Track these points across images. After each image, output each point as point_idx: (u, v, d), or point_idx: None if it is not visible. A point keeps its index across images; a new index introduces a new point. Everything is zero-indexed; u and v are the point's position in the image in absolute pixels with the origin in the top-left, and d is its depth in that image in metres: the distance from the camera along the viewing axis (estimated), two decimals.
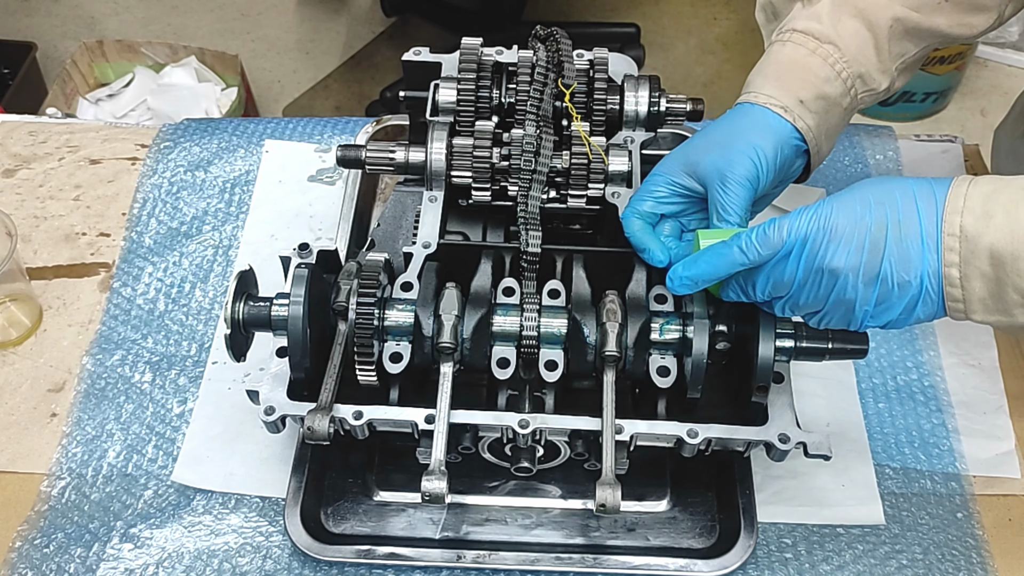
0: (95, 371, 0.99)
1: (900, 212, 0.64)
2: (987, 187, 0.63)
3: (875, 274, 0.65)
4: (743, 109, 0.81)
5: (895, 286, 0.65)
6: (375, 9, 2.63)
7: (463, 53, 0.91)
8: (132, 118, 2.20)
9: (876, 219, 0.65)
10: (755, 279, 0.71)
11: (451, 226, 0.92)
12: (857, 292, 0.67)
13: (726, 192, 0.76)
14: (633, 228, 0.81)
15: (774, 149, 0.78)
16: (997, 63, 2.60)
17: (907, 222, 0.64)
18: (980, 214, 0.62)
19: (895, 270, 0.65)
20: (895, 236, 0.64)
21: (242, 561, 0.87)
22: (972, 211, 0.62)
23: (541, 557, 0.84)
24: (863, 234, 0.65)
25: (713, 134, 0.80)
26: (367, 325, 0.77)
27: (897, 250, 0.65)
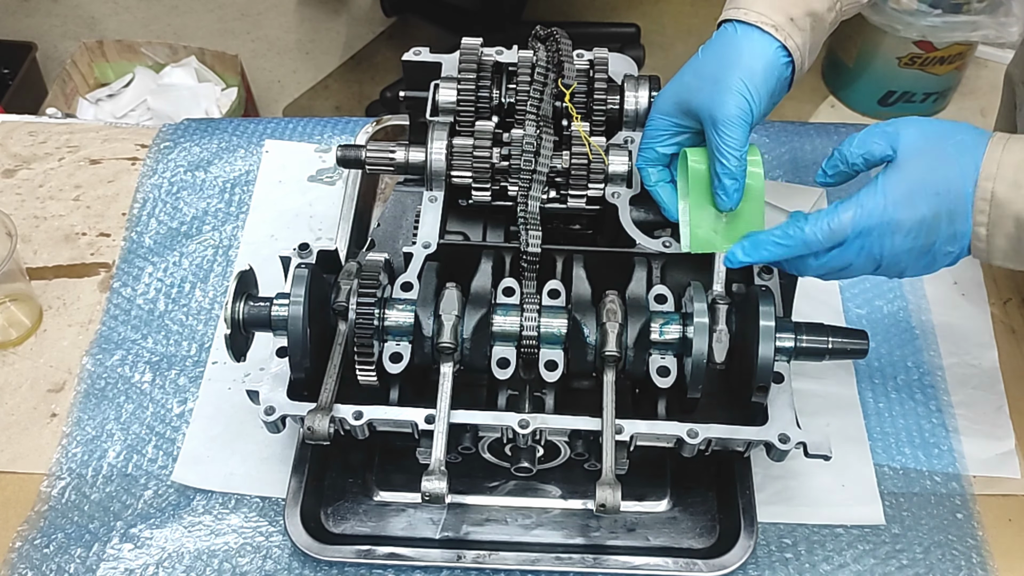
0: (95, 371, 0.99)
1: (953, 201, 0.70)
2: (1019, 155, 0.68)
3: (926, 251, 0.72)
4: (731, 30, 0.80)
5: (942, 256, 0.73)
6: (375, 9, 2.62)
7: (463, 53, 0.91)
8: (132, 118, 2.20)
9: (932, 210, 0.70)
10: (808, 261, 0.75)
11: (451, 226, 0.92)
12: (907, 265, 0.73)
13: (721, 135, 0.77)
14: (652, 180, 0.84)
15: (764, 76, 0.78)
16: (997, 63, 2.60)
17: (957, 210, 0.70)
18: (1011, 182, 0.67)
19: (944, 247, 0.72)
20: (947, 221, 0.70)
21: (242, 561, 0.87)
22: (1004, 179, 0.68)
23: (541, 557, 0.84)
24: (920, 225, 0.71)
25: (704, 66, 0.80)
26: (367, 325, 0.77)
27: (948, 232, 0.71)
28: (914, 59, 2.29)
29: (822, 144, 1.21)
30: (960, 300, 1.07)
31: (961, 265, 1.08)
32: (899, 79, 2.35)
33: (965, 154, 0.70)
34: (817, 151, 1.20)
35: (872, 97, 2.43)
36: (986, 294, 1.07)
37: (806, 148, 1.20)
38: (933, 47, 2.24)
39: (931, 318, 1.05)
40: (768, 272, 0.84)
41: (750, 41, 0.78)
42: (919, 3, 2.14)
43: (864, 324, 1.04)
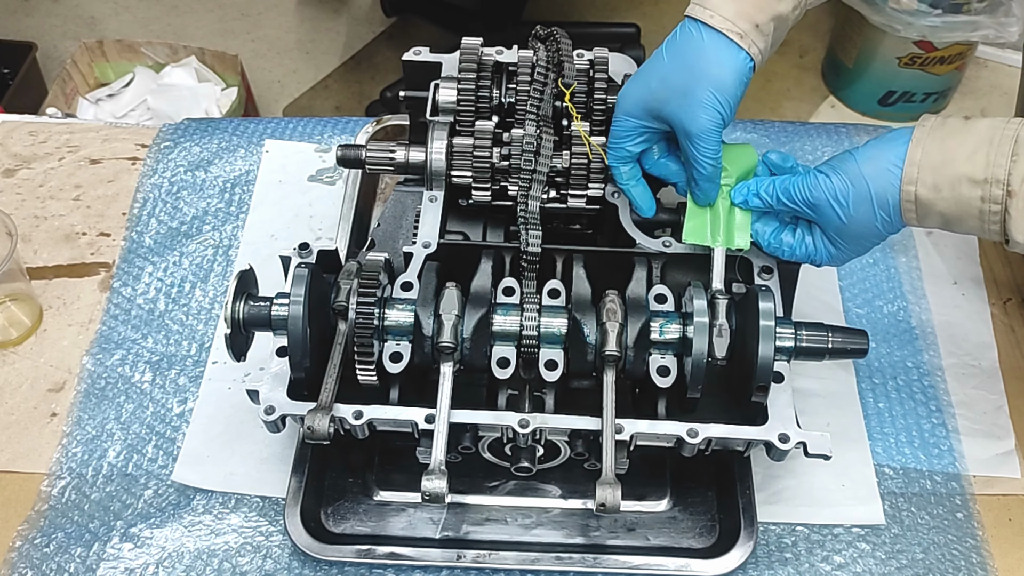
0: (95, 371, 0.99)
1: (887, 207, 0.77)
2: (936, 157, 0.74)
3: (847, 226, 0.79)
4: (696, 34, 0.80)
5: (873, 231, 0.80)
6: (375, 9, 2.62)
7: (463, 53, 0.91)
8: (132, 118, 2.20)
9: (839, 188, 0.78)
10: None
11: (451, 226, 0.92)
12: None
13: (696, 147, 0.80)
14: (624, 178, 0.86)
15: (733, 87, 0.80)
16: (997, 63, 2.60)
17: (889, 207, 0.77)
18: (931, 186, 0.74)
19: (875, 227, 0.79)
20: (881, 218, 0.78)
21: (242, 561, 0.87)
22: (924, 183, 0.74)
23: (541, 557, 0.84)
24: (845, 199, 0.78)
25: (671, 75, 0.80)
26: (367, 325, 0.77)
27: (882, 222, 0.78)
28: (914, 59, 2.29)
29: (822, 144, 1.21)
30: (960, 300, 1.07)
31: (961, 265, 1.09)
32: (899, 79, 2.35)
33: (875, 165, 0.76)
34: (817, 151, 1.20)
35: (872, 97, 2.43)
36: (986, 294, 1.07)
37: (806, 148, 1.20)
38: (933, 47, 2.24)
39: (931, 318, 1.05)
40: (768, 272, 0.84)
41: (717, 50, 0.79)
42: (919, 3, 2.13)
43: (864, 324, 1.04)
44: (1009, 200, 0.71)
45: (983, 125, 0.74)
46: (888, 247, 1.11)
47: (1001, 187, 0.71)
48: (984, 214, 0.73)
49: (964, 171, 0.73)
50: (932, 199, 0.74)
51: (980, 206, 0.73)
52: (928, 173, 0.74)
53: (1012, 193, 0.71)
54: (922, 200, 0.75)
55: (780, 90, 2.58)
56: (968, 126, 0.74)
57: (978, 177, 0.72)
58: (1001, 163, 0.71)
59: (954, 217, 0.75)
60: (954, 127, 0.75)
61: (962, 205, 0.73)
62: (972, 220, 0.74)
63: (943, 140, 0.74)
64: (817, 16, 2.75)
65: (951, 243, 1.12)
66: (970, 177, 0.72)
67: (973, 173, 0.72)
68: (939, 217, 0.75)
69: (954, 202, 0.74)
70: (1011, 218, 0.72)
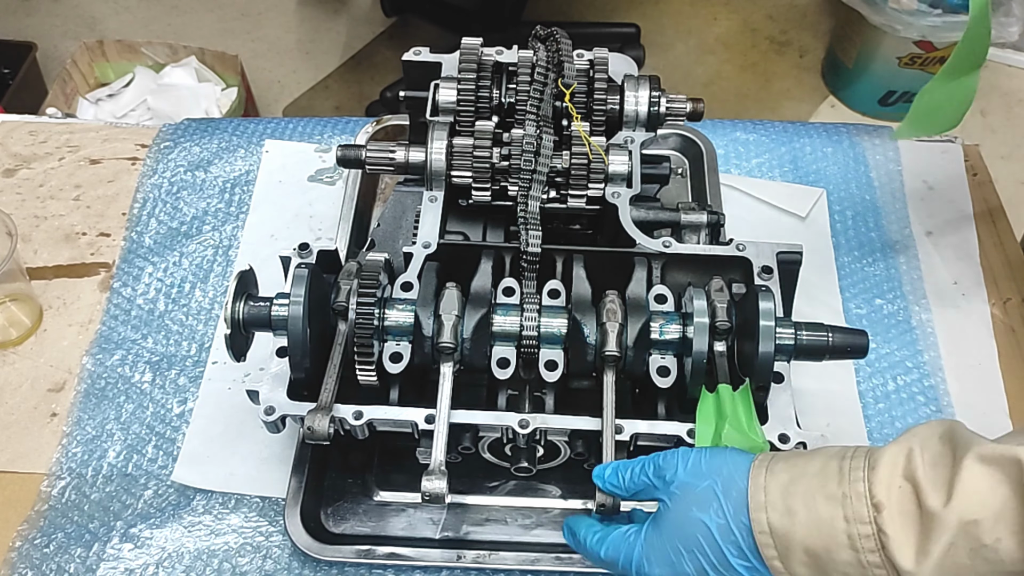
0: (95, 371, 0.99)
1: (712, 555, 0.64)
2: (783, 476, 0.63)
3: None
4: None
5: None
6: (375, 9, 2.62)
7: (463, 53, 0.91)
8: (132, 118, 2.20)
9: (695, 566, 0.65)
10: None
11: (451, 226, 0.92)
12: None
13: None
14: None
15: None
16: (997, 63, 2.60)
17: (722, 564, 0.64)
18: (783, 511, 0.61)
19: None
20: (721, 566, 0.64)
21: (242, 561, 0.87)
22: (775, 507, 0.62)
23: (541, 557, 0.84)
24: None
25: None
26: (367, 325, 0.77)
27: None
28: (914, 59, 2.29)
29: (822, 144, 1.21)
30: (960, 300, 1.07)
31: (961, 265, 1.09)
32: (899, 79, 2.35)
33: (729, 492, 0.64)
34: (817, 151, 1.20)
35: (872, 97, 2.43)
36: (986, 294, 1.07)
37: (806, 148, 1.21)
38: (933, 47, 2.24)
39: (931, 318, 1.05)
40: (768, 272, 0.84)
41: None
42: (919, 3, 2.14)
43: (864, 324, 1.04)
44: (877, 515, 0.58)
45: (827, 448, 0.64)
46: (888, 247, 1.11)
47: (864, 503, 0.58)
48: (854, 539, 0.59)
49: (816, 485, 0.60)
50: (788, 527, 0.61)
51: (846, 528, 0.59)
52: (776, 495, 0.62)
53: (879, 506, 0.58)
54: (777, 529, 0.61)
55: (780, 90, 2.58)
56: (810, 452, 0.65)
57: (834, 492, 0.59)
58: (858, 475, 0.60)
59: (822, 549, 0.60)
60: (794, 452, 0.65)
61: (824, 530, 0.59)
62: (845, 551, 0.59)
63: (787, 459, 0.64)
64: (817, 16, 2.75)
65: (951, 243, 1.12)
66: (825, 493, 0.60)
67: (827, 487, 0.60)
68: (804, 554, 0.61)
69: (815, 527, 0.60)
70: (888, 538, 0.57)
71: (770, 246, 0.85)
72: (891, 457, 0.60)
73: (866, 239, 1.11)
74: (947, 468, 0.58)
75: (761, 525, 0.62)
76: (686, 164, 1.14)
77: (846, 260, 1.09)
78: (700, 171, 1.11)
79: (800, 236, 1.10)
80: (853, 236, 1.12)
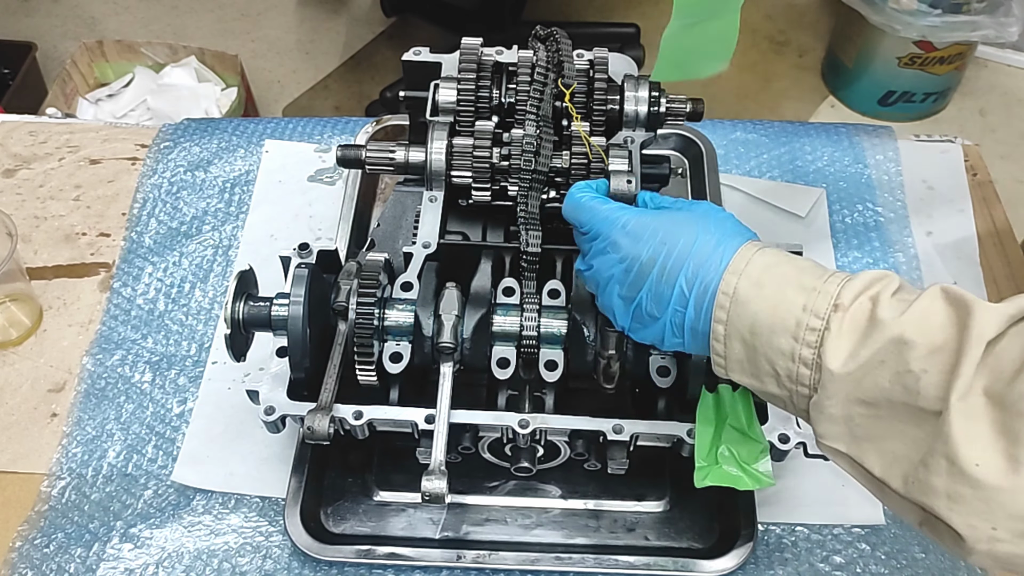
0: (95, 371, 0.99)
1: (673, 258, 0.66)
2: (770, 258, 0.63)
3: (632, 297, 0.68)
4: None
5: (647, 316, 0.68)
6: (375, 9, 2.62)
7: (463, 53, 0.91)
8: (132, 118, 2.20)
9: (648, 254, 0.67)
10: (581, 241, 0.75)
11: (451, 226, 0.92)
12: (617, 305, 0.70)
13: None
14: None
15: None
16: (997, 63, 2.60)
17: (672, 270, 0.66)
18: (755, 281, 0.62)
19: (649, 303, 0.67)
20: (657, 276, 0.66)
21: (242, 561, 0.87)
22: (749, 276, 0.62)
23: (541, 557, 0.84)
24: (632, 261, 0.68)
25: None
26: (367, 325, 0.77)
27: (656, 289, 0.66)
28: (914, 59, 2.29)
29: (822, 144, 1.21)
30: None
31: (961, 265, 1.09)
32: (899, 79, 2.35)
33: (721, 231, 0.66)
34: (817, 151, 1.20)
35: (872, 97, 2.43)
36: (986, 294, 1.07)
37: (806, 148, 1.21)
38: (933, 47, 2.24)
39: None
40: None
41: None
42: (919, 3, 2.14)
43: None
44: (833, 314, 0.58)
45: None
46: (888, 247, 1.11)
47: (828, 299, 0.59)
48: (800, 328, 0.59)
49: (793, 275, 0.61)
50: (751, 297, 0.61)
51: (799, 316, 0.59)
52: (756, 268, 0.62)
53: (839, 307, 0.58)
54: (740, 296, 0.62)
55: (780, 90, 2.58)
56: None
57: (807, 284, 0.60)
58: (836, 280, 0.60)
59: (766, 328, 0.60)
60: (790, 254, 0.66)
61: (779, 310, 0.60)
62: (785, 338, 0.60)
63: (781, 252, 0.65)
64: (817, 16, 2.75)
65: (951, 243, 1.12)
66: (799, 282, 0.60)
67: (803, 279, 0.61)
68: (747, 328, 0.62)
69: (773, 304, 0.60)
70: (830, 334, 0.58)
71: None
72: (874, 277, 0.60)
73: (866, 239, 1.12)
74: (911, 299, 0.57)
75: (728, 287, 0.63)
76: (686, 164, 1.14)
77: (846, 260, 1.09)
78: (700, 171, 1.11)
79: (800, 236, 1.10)
80: (853, 236, 1.12)
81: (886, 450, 0.56)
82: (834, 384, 0.57)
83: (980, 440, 0.51)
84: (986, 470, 0.51)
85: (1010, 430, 0.51)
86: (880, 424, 0.57)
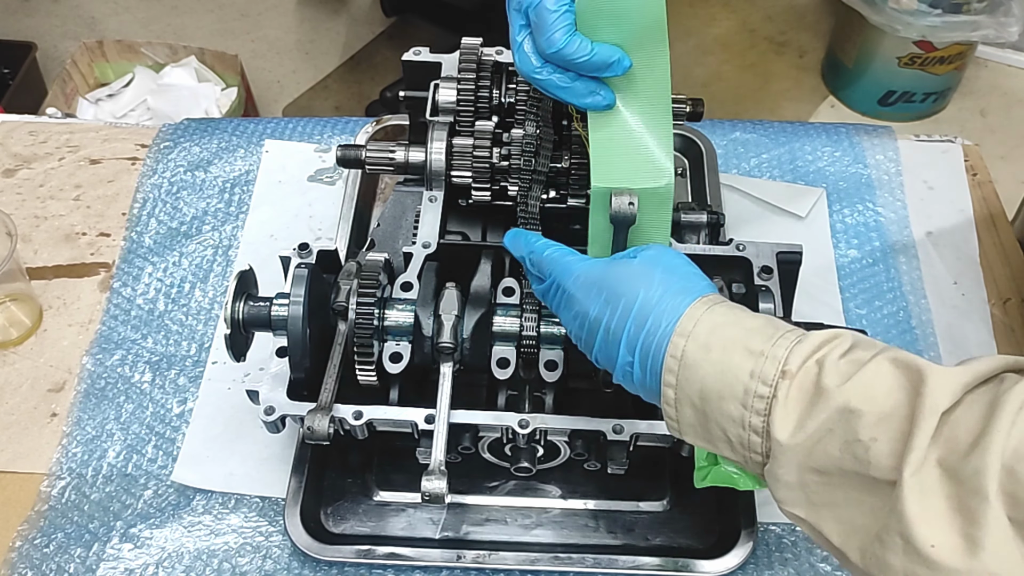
0: (95, 371, 0.99)
1: (616, 319, 0.64)
2: (720, 318, 0.61)
3: (589, 351, 0.67)
4: None
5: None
6: (375, 9, 2.62)
7: (463, 53, 0.91)
8: (132, 118, 2.20)
9: (594, 313, 0.66)
10: None
11: (451, 226, 0.92)
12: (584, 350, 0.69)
13: None
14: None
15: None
16: (997, 63, 2.60)
17: (615, 332, 0.64)
18: (703, 344, 0.60)
19: (603, 360, 0.67)
20: (603, 337, 0.65)
21: (242, 561, 0.87)
22: (697, 339, 0.60)
23: (541, 557, 0.84)
24: (583, 317, 0.67)
25: None
26: (367, 325, 0.77)
27: (604, 348, 0.66)
28: (914, 59, 2.29)
29: (822, 144, 1.21)
30: (960, 300, 1.07)
31: (961, 265, 1.09)
32: (899, 79, 2.35)
33: (668, 291, 0.63)
34: (817, 151, 1.20)
35: (872, 97, 2.43)
36: (986, 294, 1.07)
37: (806, 148, 1.21)
38: (933, 47, 2.24)
39: (931, 318, 1.05)
40: (768, 272, 0.84)
41: None
42: (919, 3, 2.14)
43: (864, 324, 1.04)
44: (781, 380, 0.56)
45: (778, 319, 0.63)
46: (888, 247, 1.11)
47: (776, 365, 0.56)
48: (749, 396, 0.57)
49: (741, 337, 0.59)
50: (699, 361, 0.59)
51: (747, 383, 0.57)
52: (704, 329, 0.60)
53: (786, 373, 0.56)
54: (688, 360, 0.59)
55: (780, 90, 2.58)
56: (762, 314, 0.64)
57: (755, 348, 0.58)
58: (785, 343, 0.57)
59: (715, 395, 0.58)
60: (742, 307, 0.64)
61: (727, 376, 0.58)
62: (735, 405, 0.57)
63: (732, 308, 0.62)
64: (816, 16, 2.75)
65: (951, 243, 1.12)
66: (746, 346, 0.58)
67: (752, 342, 0.58)
68: (696, 393, 0.59)
69: (721, 370, 0.58)
70: (777, 402, 0.56)
71: (770, 246, 0.85)
72: (823, 338, 0.58)
73: (866, 239, 1.12)
74: (860, 362, 0.55)
75: (676, 350, 0.60)
76: (686, 164, 1.14)
77: (846, 260, 1.10)
78: (700, 171, 1.11)
79: (800, 236, 1.10)
80: (853, 236, 1.12)
81: (844, 518, 0.55)
82: (784, 454, 0.56)
83: (935, 518, 0.49)
84: (942, 552, 0.48)
85: (966, 507, 0.48)
86: (836, 492, 0.55)
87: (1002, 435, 0.48)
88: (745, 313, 0.62)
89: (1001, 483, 0.47)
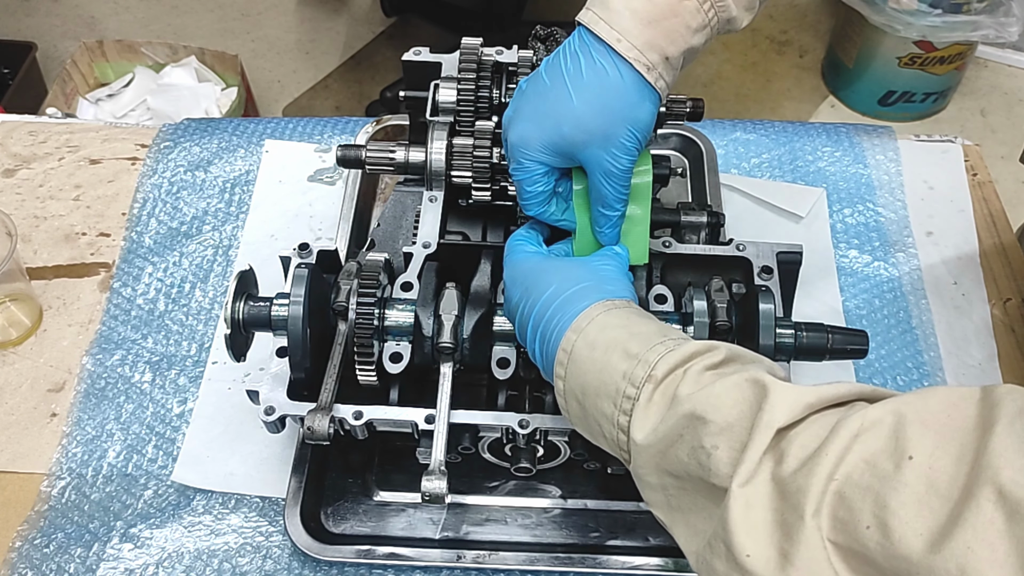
0: (95, 371, 0.99)
1: (527, 307, 0.70)
2: (613, 319, 0.64)
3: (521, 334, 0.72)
4: (611, 68, 0.70)
5: None
6: (375, 9, 2.63)
7: (463, 53, 0.91)
8: (132, 118, 2.20)
9: (516, 299, 0.72)
10: None
11: (451, 226, 0.92)
12: None
13: (614, 187, 0.75)
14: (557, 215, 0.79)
15: (648, 123, 0.73)
16: (997, 63, 2.60)
17: (525, 318, 0.70)
18: (590, 342, 0.63)
19: (525, 344, 0.71)
20: (520, 323, 0.71)
21: (242, 561, 0.87)
22: (587, 336, 0.63)
23: (541, 557, 0.84)
24: (514, 303, 0.72)
25: (588, 118, 0.72)
26: (367, 325, 0.77)
27: (521, 333, 0.72)
28: (914, 59, 2.29)
29: (822, 144, 1.21)
30: (960, 300, 1.07)
31: (961, 265, 1.09)
32: (899, 79, 2.35)
33: (574, 297, 0.67)
34: (817, 151, 1.20)
35: (872, 97, 2.43)
36: (986, 294, 1.07)
37: (806, 148, 1.21)
38: (933, 47, 2.25)
39: (931, 318, 1.05)
40: (768, 272, 0.84)
41: (633, 88, 0.71)
42: (919, 3, 2.14)
43: (864, 324, 1.04)
44: (647, 384, 0.59)
45: (674, 328, 0.66)
46: (888, 247, 1.11)
47: (646, 369, 0.59)
48: (619, 396, 0.60)
49: (623, 339, 0.61)
50: (584, 357, 0.63)
51: (618, 384, 0.60)
52: (595, 328, 0.63)
53: (653, 379, 0.59)
54: (575, 356, 0.63)
55: (780, 90, 2.58)
56: (660, 322, 0.67)
57: (632, 351, 0.60)
58: (661, 350, 0.60)
59: (593, 392, 0.61)
60: (644, 313, 0.67)
61: (604, 375, 0.61)
62: (607, 403, 0.60)
63: (632, 313, 0.65)
64: (817, 16, 2.75)
65: (951, 243, 1.12)
66: (626, 348, 0.61)
67: (631, 345, 0.61)
68: (579, 388, 0.63)
69: (600, 369, 0.61)
70: (638, 404, 0.58)
71: (770, 246, 0.85)
72: (696, 349, 0.60)
73: (866, 239, 1.12)
74: (721, 375, 0.57)
75: (568, 344, 0.64)
76: (686, 164, 1.14)
77: (846, 260, 1.10)
78: (700, 171, 1.11)
79: (800, 236, 1.10)
80: (853, 236, 1.12)
81: (691, 522, 0.56)
82: (640, 455, 0.58)
83: (758, 529, 0.50)
84: (755, 562, 0.49)
85: (786, 523, 0.49)
86: (687, 497, 0.57)
87: (831, 459, 0.48)
88: (641, 319, 0.64)
89: (831, 506, 0.48)
